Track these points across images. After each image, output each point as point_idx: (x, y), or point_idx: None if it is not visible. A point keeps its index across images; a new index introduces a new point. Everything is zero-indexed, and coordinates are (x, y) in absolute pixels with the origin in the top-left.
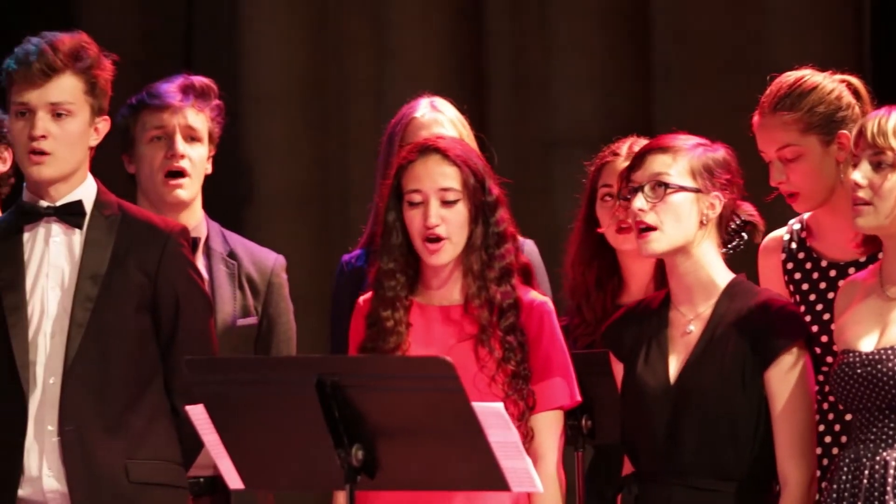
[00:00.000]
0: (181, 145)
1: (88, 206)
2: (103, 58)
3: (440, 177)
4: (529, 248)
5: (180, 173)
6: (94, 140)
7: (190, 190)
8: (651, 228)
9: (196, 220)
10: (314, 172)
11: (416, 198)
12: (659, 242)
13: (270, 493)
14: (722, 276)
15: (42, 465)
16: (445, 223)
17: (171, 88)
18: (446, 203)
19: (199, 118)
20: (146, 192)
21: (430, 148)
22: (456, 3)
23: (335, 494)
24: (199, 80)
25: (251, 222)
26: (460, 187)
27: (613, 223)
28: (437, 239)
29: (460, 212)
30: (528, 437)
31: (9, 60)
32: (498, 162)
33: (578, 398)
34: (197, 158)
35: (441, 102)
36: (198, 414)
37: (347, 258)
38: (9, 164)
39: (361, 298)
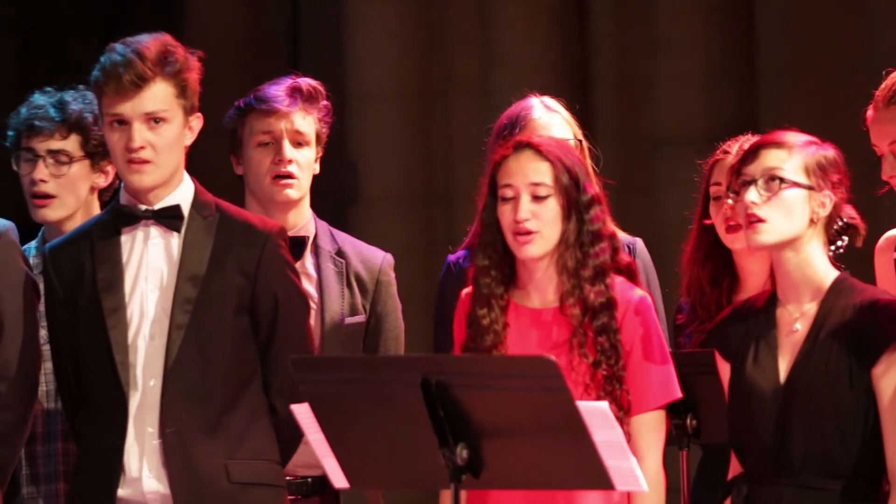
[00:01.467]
0: (289, 150)
1: (186, 209)
2: (190, 56)
3: (532, 172)
4: (639, 247)
5: (289, 177)
6: (189, 139)
7: (298, 189)
8: (761, 221)
9: (304, 218)
10: (419, 172)
11: (508, 192)
12: (768, 234)
13: (379, 492)
14: (828, 273)
15: (142, 466)
16: (536, 218)
17: (278, 93)
18: (537, 198)
19: (307, 121)
20: (254, 193)
21: (524, 144)
22: (561, 2)
23: (441, 494)
24: (307, 82)
25: (356, 222)
26: (552, 183)
27: (724, 222)
28: (527, 232)
29: (551, 207)
30: (626, 439)
31: (96, 72)
32: (603, 161)
33: (678, 395)
34: (304, 162)
35: (553, 102)
36: (303, 413)
37: (453, 258)
38: (111, 177)
39: (464, 292)
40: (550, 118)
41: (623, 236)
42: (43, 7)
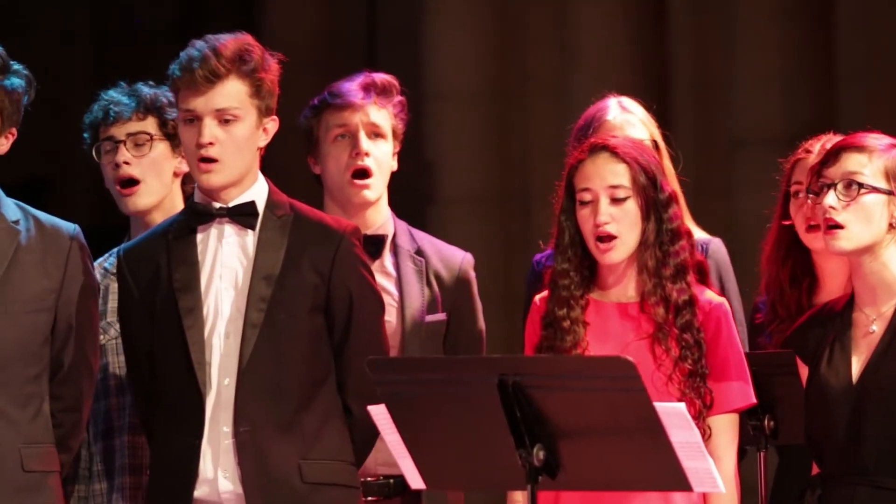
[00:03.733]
0: (365, 143)
1: (261, 207)
2: (269, 58)
3: (609, 175)
4: (716, 246)
5: (366, 173)
6: (263, 141)
7: (376, 189)
8: (839, 226)
9: (382, 217)
10: (497, 171)
11: (587, 196)
12: (847, 241)
13: (461, 493)
14: None
15: (217, 466)
16: (616, 221)
17: (352, 87)
18: (616, 201)
19: (382, 114)
20: (332, 193)
21: (600, 146)
22: (639, 1)
23: (509, 495)
24: (380, 76)
25: (434, 221)
26: (630, 184)
27: (803, 221)
28: (608, 237)
29: (631, 209)
30: (705, 436)
31: (173, 66)
32: (682, 163)
33: (753, 400)
34: (381, 156)
35: (629, 103)
36: (380, 414)
37: (538, 258)
38: None
39: (537, 297)
40: (625, 118)
41: (700, 235)
42: (118, 10)
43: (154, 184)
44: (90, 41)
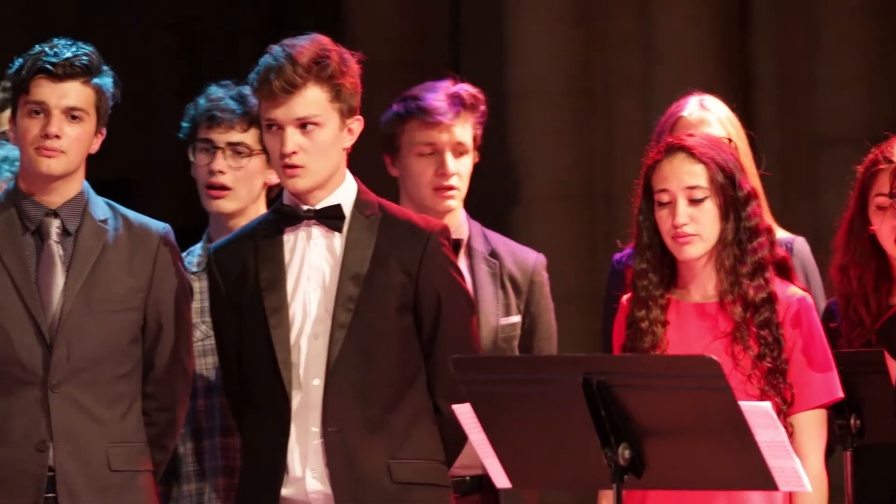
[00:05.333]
0: (452, 164)
1: (348, 208)
2: (348, 58)
3: (686, 175)
4: (800, 244)
5: (450, 188)
6: (349, 141)
7: (459, 200)
8: None
9: (458, 220)
10: (580, 171)
11: (665, 197)
12: None
13: (536, 492)
14: None
15: (305, 465)
16: (694, 221)
17: (440, 104)
18: (694, 201)
19: (467, 130)
20: (412, 199)
21: (676, 147)
22: (723, 0)
23: (599, 494)
24: (467, 91)
25: (517, 221)
26: (707, 185)
27: (892, 233)
28: (686, 235)
29: (709, 209)
30: (787, 434)
31: (251, 75)
32: (766, 161)
33: (840, 394)
34: (465, 171)
35: (710, 101)
36: (465, 413)
37: (619, 257)
38: None
39: (624, 297)
40: (701, 116)
41: (783, 234)
42: (206, 6)
43: (243, 193)
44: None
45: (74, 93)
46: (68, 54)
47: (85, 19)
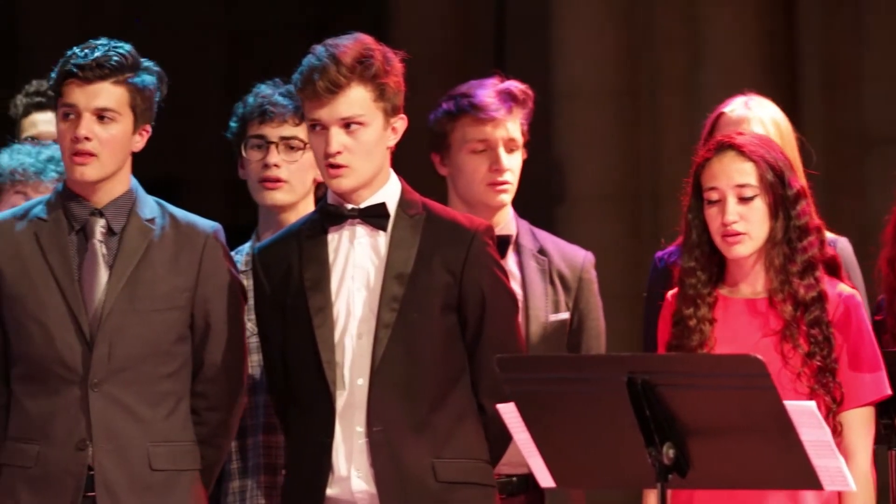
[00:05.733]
0: (505, 160)
1: (392, 207)
2: (391, 57)
3: (736, 173)
4: (843, 245)
5: (504, 184)
6: (393, 140)
7: (511, 195)
8: None
9: (506, 218)
10: (626, 170)
11: (714, 195)
12: None
13: (582, 492)
14: None
15: (350, 465)
16: (743, 219)
17: (492, 101)
18: (743, 199)
19: (517, 126)
20: (462, 196)
21: (726, 145)
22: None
23: (645, 493)
24: (517, 87)
25: (563, 220)
26: (757, 183)
27: None
28: (736, 234)
29: (758, 207)
30: (836, 432)
31: (295, 76)
32: (814, 160)
33: (888, 391)
34: (516, 167)
35: (757, 101)
36: (509, 412)
37: (661, 255)
38: None
39: (669, 294)
40: (744, 115)
41: (827, 235)
42: (254, 6)
43: (298, 185)
44: (224, 36)
45: (104, 94)
46: (97, 55)
47: (133, 18)
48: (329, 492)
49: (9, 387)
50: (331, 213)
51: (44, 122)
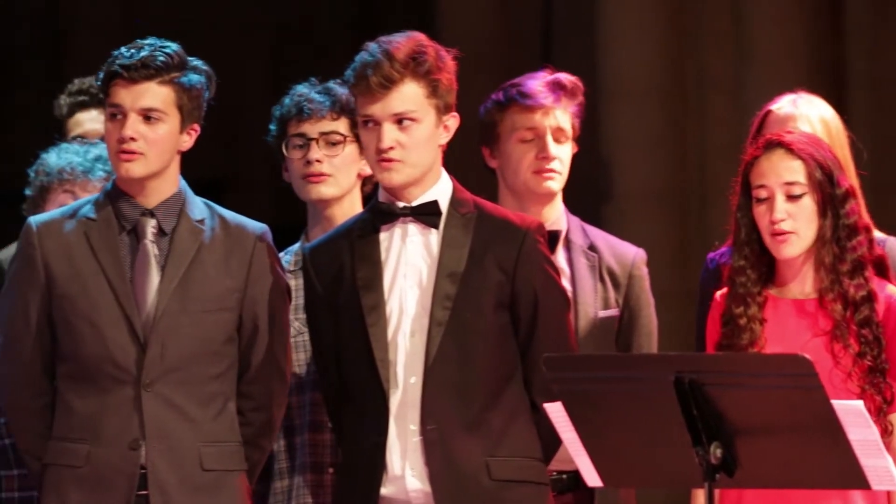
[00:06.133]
0: (553, 148)
1: (444, 205)
2: (444, 55)
3: (785, 171)
4: (891, 245)
5: (551, 172)
6: (445, 138)
7: (560, 182)
8: None
9: (557, 213)
10: (672, 169)
11: (763, 193)
12: None
13: (632, 491)
14: None
15: (405, 464)
16: (792, 217)
17: (542, 89)
18: (792, 197)
19: (566, 117)
20: (511, 187)
21: (775, 143)
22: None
23: (694, 493)
24: (567, 78)
25: (609, 218)
26: (805, 181)
27: None
28: (784, 233)
29: (807, 206)
30: (886, 433)
31: (348, 72)
32: (864, 159)
33: None
34: (566, 158)
35: (805, 100)
36: (556, 411)
37: (713, 255)
38: None
39: (718, 294)
40: (790, 113)
41: (876, 234)
42: (298, 7)
43: (342, 179)
44: (267, 36)
45: (150, 93)
46: (143, 55)
47: (177, 18)
48: (383, 491)
49: (53, 386)
50: (382, 211)
51: (89, 120)
